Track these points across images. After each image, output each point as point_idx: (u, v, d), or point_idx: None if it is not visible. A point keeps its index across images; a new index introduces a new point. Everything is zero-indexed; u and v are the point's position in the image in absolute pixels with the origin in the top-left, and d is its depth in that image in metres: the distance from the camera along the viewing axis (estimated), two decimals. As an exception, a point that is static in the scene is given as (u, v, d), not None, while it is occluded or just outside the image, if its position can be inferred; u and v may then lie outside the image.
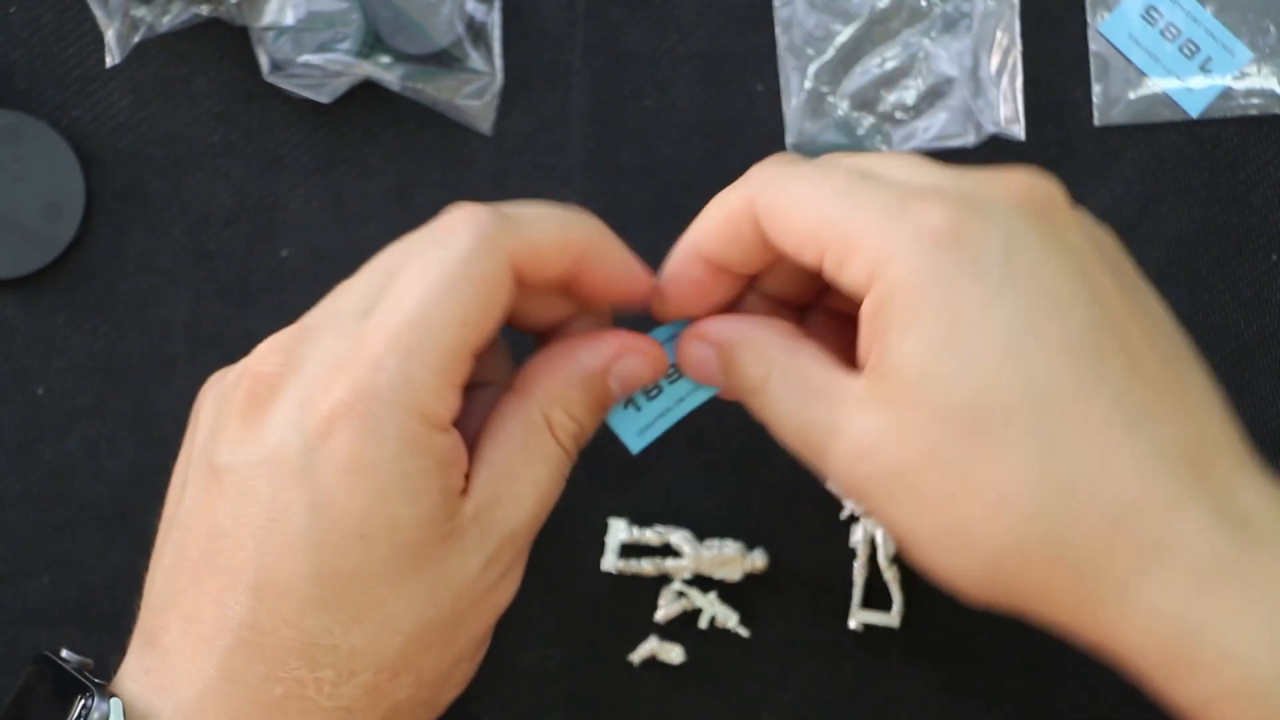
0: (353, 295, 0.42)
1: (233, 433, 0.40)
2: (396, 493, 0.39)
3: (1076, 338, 0.39)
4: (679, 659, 0.52)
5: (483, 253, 0.41)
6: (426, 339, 0.40)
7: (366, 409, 0.39)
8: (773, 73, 0.54)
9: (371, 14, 0.52)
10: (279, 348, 0.41)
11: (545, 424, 0.43)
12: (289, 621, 0.39)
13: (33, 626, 0.52)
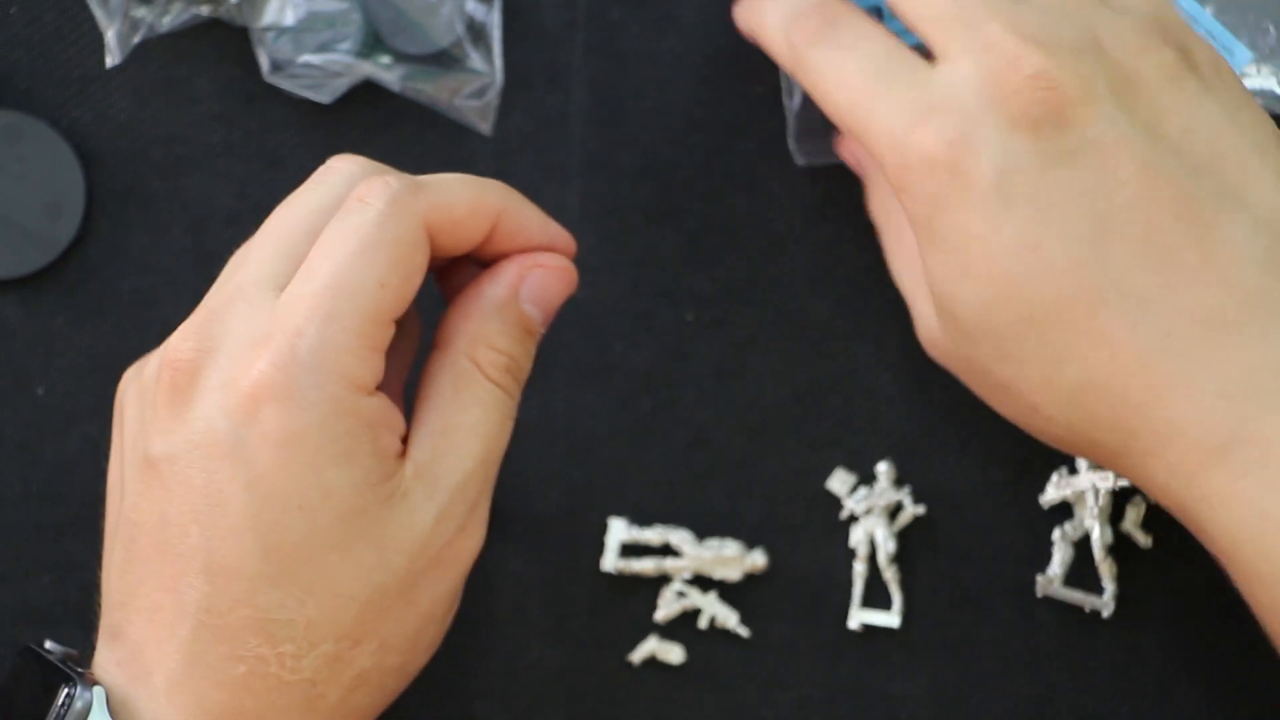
0: (256, 266, 0.42)
1: (161, 423, 0.41)
2: (328, 459, 0.40)
3: (1080, 246, 0.40)
4: (679, 659, 0.52)
5: (396, 216, 0.41)
6: (345, 303, 0.40)
7: (288, 379, 0.39)
8: (773, 72, 0.53)
9: (371, 14, 0.52)
10: (191, 333, 0.41)
11: (472, 366, 0.43)
12: (243, 600, 0.39)
13: (33, 626, 0.52)
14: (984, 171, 0.41)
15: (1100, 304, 0.40)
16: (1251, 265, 0.40)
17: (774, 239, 0.53)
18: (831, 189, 0.53)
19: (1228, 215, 0.41)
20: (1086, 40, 0.42)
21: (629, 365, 0.53)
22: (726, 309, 0.53)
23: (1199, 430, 0.40)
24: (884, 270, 0.53)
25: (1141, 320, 0.40)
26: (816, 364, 0.53)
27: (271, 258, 0.42)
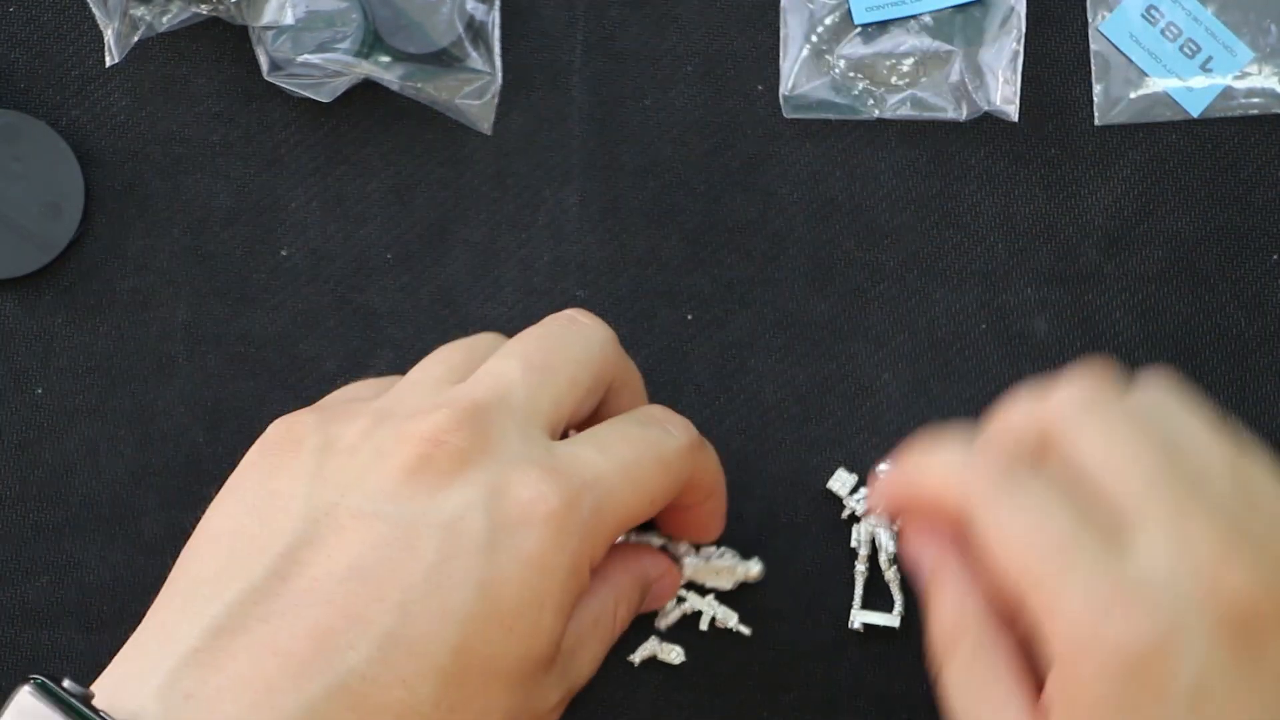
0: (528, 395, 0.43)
1: (389, 487, 0.40)
2: (553, 604, 0.40)
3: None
4: (679, 659, 0.52)
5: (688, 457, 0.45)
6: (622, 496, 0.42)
7: (564, 520, 0.40)
8: (773, 72, 0.53)
9: (371, 13, 0.52)
10: (466, 423, 0.41)
11: (614, 611, 0.45)
12: (405, 682, 0.38)
13: (32, 627, 0.52)
14: (1184, 677, 0.37)
15: None
16: None
17: (774, 239, 0.53)
18: (833, 189, 0.53)
19: None
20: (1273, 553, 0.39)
21: (629, 365, 0.53)
22: (727, 309, 0.53)
23: None
24: (884, 270, 0.53)
25: None
26: (816, 364, 0.53)
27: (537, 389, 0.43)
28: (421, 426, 0.41)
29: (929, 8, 0.53)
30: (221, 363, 0.53)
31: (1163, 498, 0.39)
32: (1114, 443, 0.40)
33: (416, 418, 0.41)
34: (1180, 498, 0.39)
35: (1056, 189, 0.53)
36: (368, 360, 0.53)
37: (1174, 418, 0.42)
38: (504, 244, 0.53)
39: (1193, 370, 0.53)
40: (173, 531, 0.52)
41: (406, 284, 0.53)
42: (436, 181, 0.53)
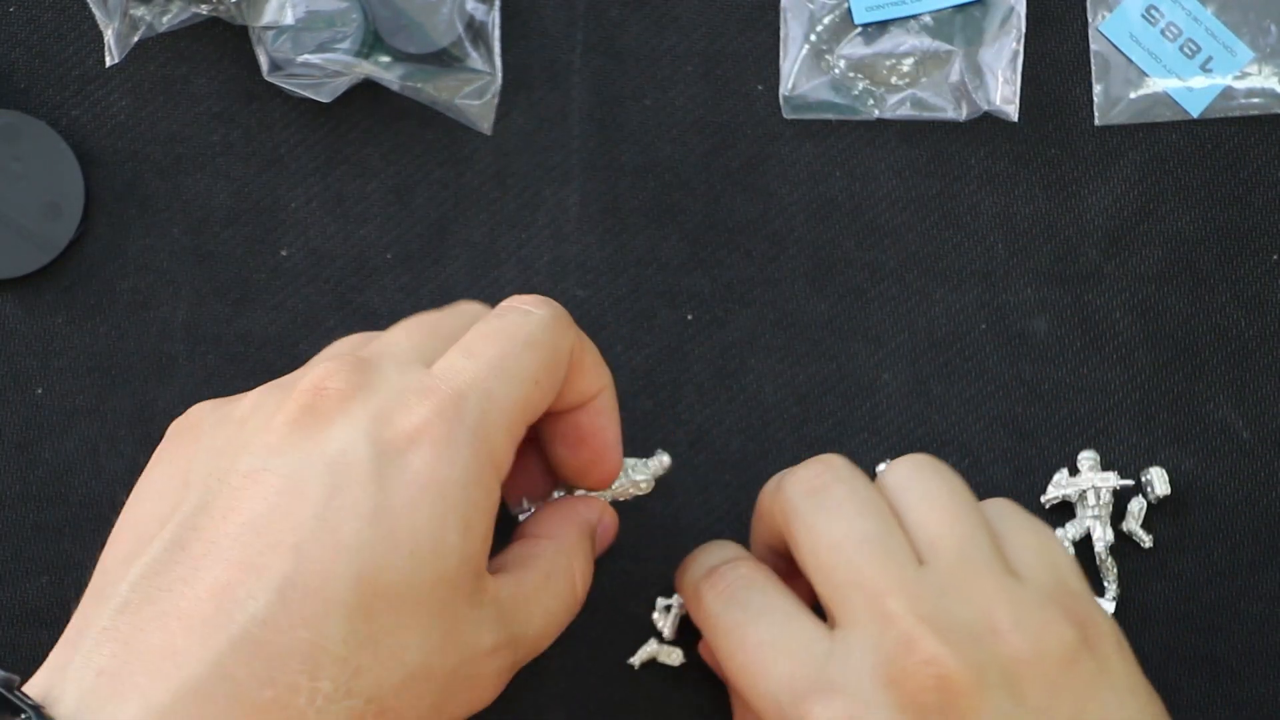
0: (401, 337, 0.43)
1: (275, 441, 0.40)
2: (455, 519, 0.40)
3: None
4: (678, 661, 0.52)
5: (556, 327, 0.43)
6: (503, 386, 0.41)
7: (449, 431, 0.40)
8: (773, 72, 0.53)
9: (371, 13, 0.52)
10: (343, 370, 0.41)
11: (569, 567, 0.45)
12: (309, 622, 0.38)
13: (32, 627, 0.52)
14: None
15: None
16: None
17: (774, 239, 0.53)
18: (832, 189, 0.53)
19: None
20: (983, 623, 0.42)
21: (630, 366, 0.53)
22: (726, 309, 0.53)
23: None
24: (884, 270, 0.53)
25: None
26: (816, 364, 0.53)
27: (413, 335, 0.43)
28: (303, 381, 0.41)
29: (929, 8, 0.53)
30: (221, 362, 0.53)
31: (862, 592, 0.42)
32: (821, 537, 0.44)
33: (301, 376, 0.41)
34: (877, 590, 0.42)
35: (1056, 189, 0.53)
36: (368, 360, 0.53)
37: (911, 493, 0.45)
38: (504, 244, 0.53)
39: (1192, 370, 0.53)
40: (173, 531, 0.52)
41: (406, 284, 0.53)
42: (436, 181, 0.53)
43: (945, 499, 0.44)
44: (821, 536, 0.44)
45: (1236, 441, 0.53)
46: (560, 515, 0.47)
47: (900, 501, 0.44)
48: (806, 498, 0.45)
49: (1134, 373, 0.53)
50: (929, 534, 0.43)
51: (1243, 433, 0.53)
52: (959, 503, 0.44)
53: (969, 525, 0.44)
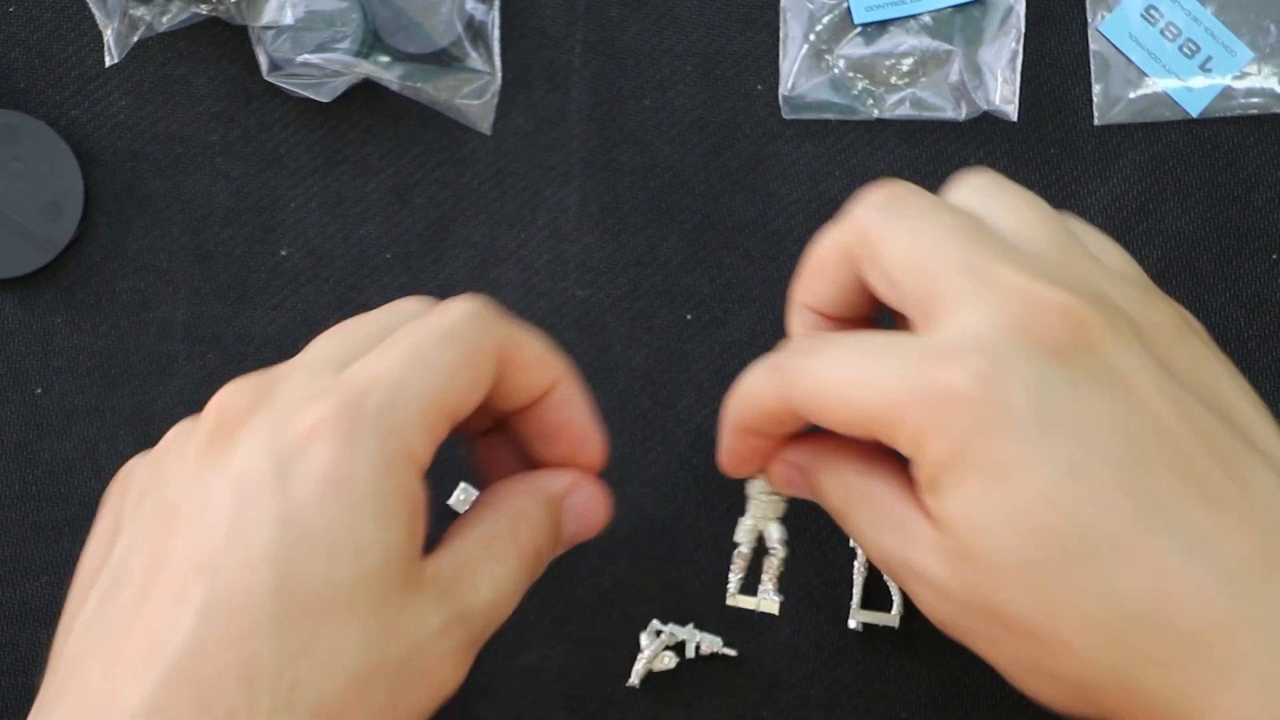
0: (320, 348, 0.42)
1: (188, 470, 0.40)
2: (368, 512, 0.38)
3: (1123, 472, 0.39)
4: (673, 663, 0.52)
5: (475, 324, 0.41)
6: (415, 377, 0.40)
7: (349, 425, 0.39)
8: (772, 72, 0.54)
9: (371, 13, 0.52)
10: (245, 389, 0.40)
11: (512, 530, 0.43)
12: (237, 642, 0.37)
13: (31, 626, 0.52)
14: (1020, 399, 0.39)
15: (1149, 534, 0.38)
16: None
17: (773, 238, 0.53)
18: (832, 189, 0.53)
19: (1250, 459, 0.40)
20: (1095, 287, 0.41)
21: (629, 365, 0.53)
22: (726, 309, 0.53)
23: (1263, 667, 0.38)
24: (884, 270, 0.53)
25: (1193, 553, 0.38)
26: (816, 364, 0.53)
27: (335, 344, 0.42)
28: (211, 405, 0.41)
29: (928, 7, 0.53)
30: (221, 362, 0.53)
31: (967, 270, 0.40)
32: (916, 237, 0.41)
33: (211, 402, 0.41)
34: (985, 264, 0.40)
35: (1056, 188, 0.53)
36: (367, 360, 0.53)
37: (991, 200, 0.43)
38: (503, 243, 0.53)
39: (1192, 370, 0.53)
40: (172, 531, 0.53)
41: (406, 284, 0.53)
42: (436, 181, 0.53)
43: (1026, 201, 0.43)
44: (913, 238, 0.41)
45: (1236, 441, 0.53)
46: (508, 485, 0.45)
47: (979, 210, 0.43)
48: (884, 210, 0.42)
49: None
50: (1019, 230, 0.42)
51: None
52: (1039, 204, 0.43)
53: (1056, 221, 0.43)
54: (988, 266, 0.40)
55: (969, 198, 0.43)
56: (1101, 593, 0.39)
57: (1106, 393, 0.39)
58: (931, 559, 0.41)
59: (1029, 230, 0.42)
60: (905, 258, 0.41)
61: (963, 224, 0.42)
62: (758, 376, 0.44)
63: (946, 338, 0.40)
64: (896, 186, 0.43)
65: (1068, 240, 0.42)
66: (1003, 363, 0.39)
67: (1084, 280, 0.41)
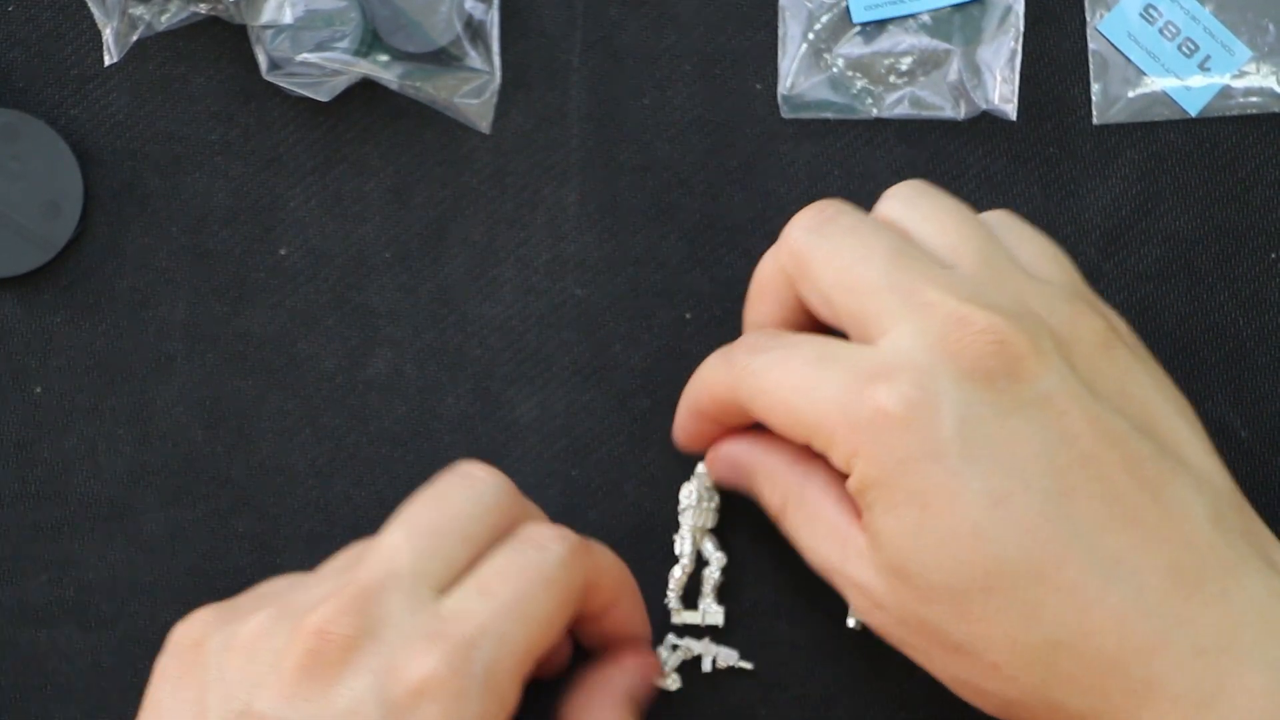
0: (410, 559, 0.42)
1: (286, 689, 0.40)
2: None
3: (1046, 500, 0.40)
4: (675, 686, 0.52)
5: (571, 566, 0.43)
6: (518, 629, 0.41)
7: (460, 685, 0.40)
8: (771, 71, 0.53)
9: (370, 12, 0.52)
10: (349, 609, 0.41)
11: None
12: None
13: (31, 626, 0.52)
14: (946, 424, 0.40)
15: (1070, 560, 0.40)
16: (1203, 524, 0.40)
17: (774, 238, 0.53)
18: (831, 188, 0.53)
19: (1172, 475, 0.41)
20: (1021, 305, 0.42)
21: (628, 365, 0.53)
22: (726, 308, 0.53)
23: (1180, 688, 0.39)
24: (883, 269, 0.53)
25: (1113, 578, 0.40)
26: (815, 363, 0.53)
27: (426, 554, 0.42)
28: (309, 621, 0.41)
29: (927, 6, 0.53)
30: (220, 361, 0.53)
31: (897, 290, 0.42)
32: (844, 257, 0.43)
33: (306, 612, 0.41)
34: (914, 285, 0.41)
35: (1055, 188, 0.53)
36: (366, 359, 0.53)
37: (917, 214, 0.44)
38: (503, 243, 0.53)
39: (1190, 369, 0.53)
40: (171, 530, 0.52)
41: (405, 283, 0.53)
42: (435, 180, 0.53)
43: (952, 214, 0.44)
44: (842, 258, 0.43)
45: (1234, 440, 0.53)
46: (594, 697, 0.46)
47: (907, 225, 0.44)
48: (814, 232, 0.44)
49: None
50: (945, 246, 0.43)
51: (1240, 432, 0.53)
52: (966, 216, 0.44)
53: (982, 234, 0.44)
54: (915, 287, 0.42)
55: (896, 210, 0.45)
56: (1026, 618, 0.40)
57: (1031, 417, 0.40)
58: (868, 572, 0.43)
59: (955, 244, 0.43)
60: (836, 278, 0.43)
61: (889, 243, 0.43)
62: (712, 364, 0.46)
63: (879, 355, 0.41)
64: (827, 207, 0.45)
65: (994, 253, 0.43)
66: (931, 387, 0.40)
67: (1010, 298, 0.42)
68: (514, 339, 0.53)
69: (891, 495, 0.41)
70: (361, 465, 0.53)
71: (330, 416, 0.53)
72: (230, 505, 0.53)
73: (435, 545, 0.43)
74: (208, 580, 0.52)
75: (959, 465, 0.40)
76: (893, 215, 0.45)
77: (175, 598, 0.52)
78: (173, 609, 0.50)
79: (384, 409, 0.53)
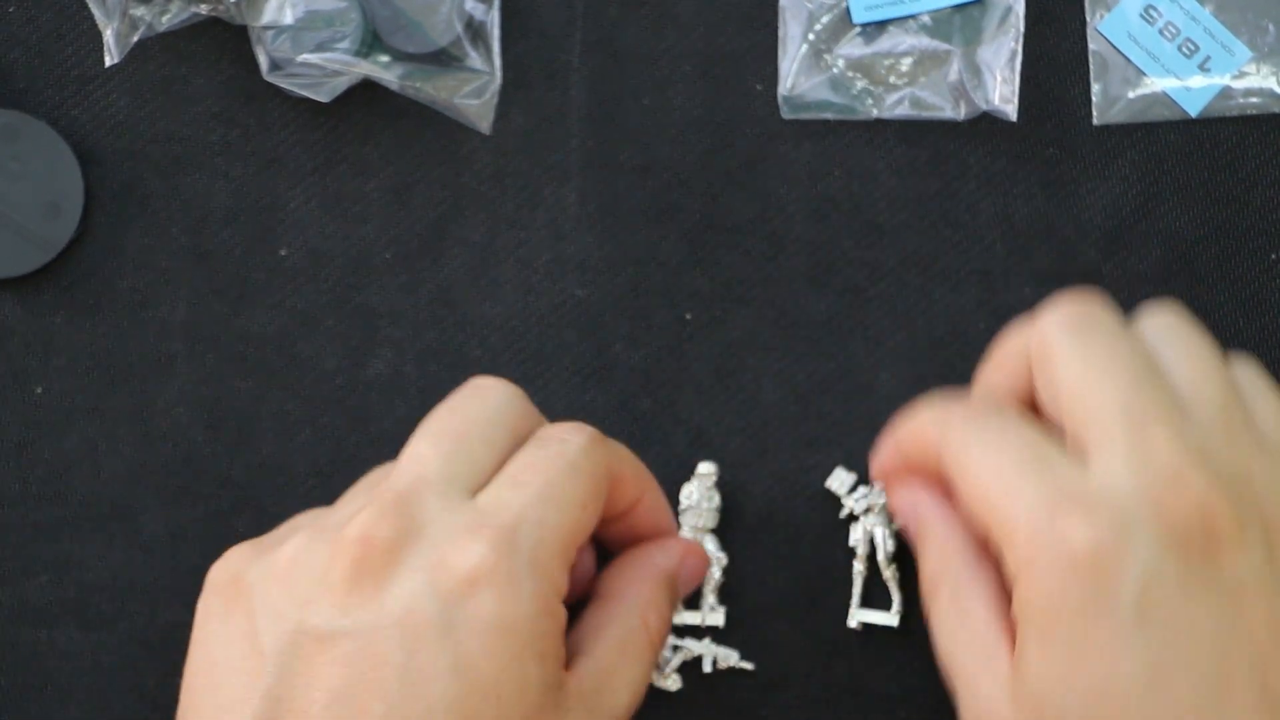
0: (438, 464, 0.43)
1: (338, 599, 0.40)
2: (531, 654, 0.40)
3: (1203, 688, 0.39)
4: (675, 687, 0.52)
5: (594, 453, 0.44)
6: (554, 513, 0.42)
7: (510, 567, 0.40)
8: (772, 72, 0.54)
9: (370, 13, 0.52)
10: (389, 513, 0.41)
11: (642, 627, 0.45)
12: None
13: (31, 626, 0.52)
14: (1128, 582, 0.39)
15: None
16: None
17: (773, 238, 0.53)
18: (831, 189, 0.53)
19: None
20: (1243, 474, 0.40)
21: (628, 365, 0.53)
22: (726, 309, 0.53)
23: None
24: (883, 269, 0.53)
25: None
26: (815, 363, 0.53)
27: (452, 457, 0.43)
28: (349, 531, 0.41)
29: (927, 7, 0.53)
30: (220, 362, 0.53)
31: (1128, 417, 0.40)
32: (1088, 364, 0.42)
33: (344, 524, 0.41)
34: (1146, 418, 0.40)
35: (1055, 188, 0.53)
36: (366, 359, 0.53)
37: (1170, 345, 0.43)
38: (503, 243, 0.53)
39: (1191, 369, 0.53)
40: (172, 530, 0.52)
41: (405, 283, 0.53)
42: (435, 181, 0.53)
43: (1206, 355, 0.43)
44: (1085, 365, 0.42)
45: (1235, 441, 0.53)
46: (632, 569, 0.47)
47: (1160, 350, 0.43)
48: (1068, 332, 0.43)
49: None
50: (1190, 384, 0.42)
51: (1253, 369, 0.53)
52: (1218, 363, 0.43)
53: (1227, 384, 0.43)
54: (1147, 420, 0.40)
55: (1153, 333, 0.44)
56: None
57: (1213, 600, 0.39)
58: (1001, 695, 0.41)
59: (1199, 388, 0.42)
60: (1074, 383, 0.42)
61: (1137, 365, 0.42)
62: (931, 414, 0.45)
63: (1088, 480, 0.40)
64: (1088, 306, 0.43)
65: (1234, 408, 0.42)
66: (1125, 537, 0.39)
67: (1234, 463, 0.41)
68: (514, 339, 0.53)
69: (1051, 633, 0.40)
70: (362, 466, 0.53)
71: (331, 417, 0.53)
72: (230, 505, 0.53)
73: (460, 449, 0.43)
74: (208, 580, 0.52)
75: (1128, 629, 0.39)
76: (1150, 334, 0.44)
77: (175, 598, 0.52)
78: (173, 609, 0.51)
79: (384, 409, 0.53)
